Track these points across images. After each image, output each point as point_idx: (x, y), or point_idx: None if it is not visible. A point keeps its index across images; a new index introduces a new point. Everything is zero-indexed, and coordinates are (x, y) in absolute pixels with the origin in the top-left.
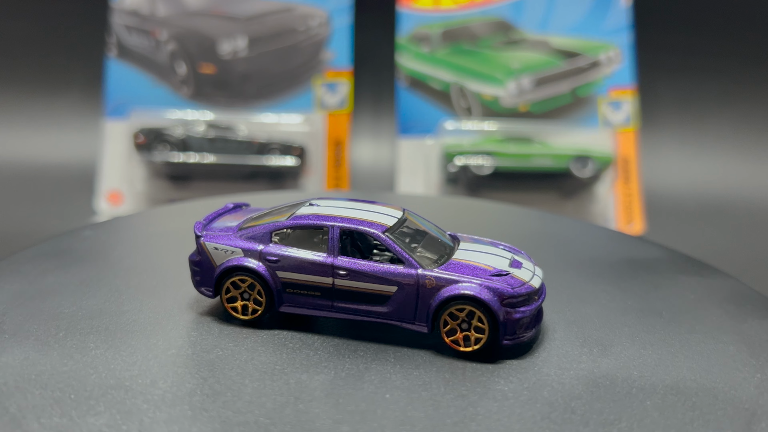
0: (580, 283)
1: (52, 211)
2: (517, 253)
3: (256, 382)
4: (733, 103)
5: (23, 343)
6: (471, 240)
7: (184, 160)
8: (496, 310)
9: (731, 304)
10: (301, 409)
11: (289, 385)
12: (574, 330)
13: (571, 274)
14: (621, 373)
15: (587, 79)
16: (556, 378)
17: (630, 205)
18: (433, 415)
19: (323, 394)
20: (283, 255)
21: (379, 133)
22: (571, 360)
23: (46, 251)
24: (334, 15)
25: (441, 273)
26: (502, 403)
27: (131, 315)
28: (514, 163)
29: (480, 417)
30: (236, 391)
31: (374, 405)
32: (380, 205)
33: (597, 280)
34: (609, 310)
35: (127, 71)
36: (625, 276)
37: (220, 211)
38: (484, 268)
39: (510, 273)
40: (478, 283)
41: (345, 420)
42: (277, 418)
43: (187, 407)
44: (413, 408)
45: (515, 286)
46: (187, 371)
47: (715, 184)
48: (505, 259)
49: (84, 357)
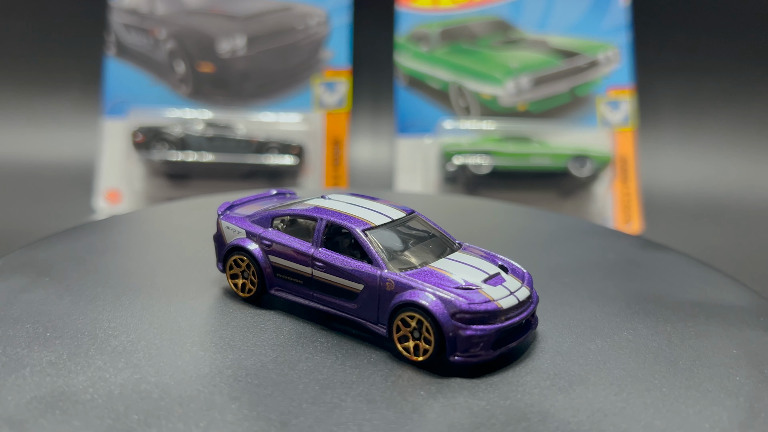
0: (575, 286)
1: (50, 209)
2: (513, 271)
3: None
4: (731, 102)
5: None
6: (472, 251)
7: (182, 158)
8: (443, 322)
9: (728, 304)
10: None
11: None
12: (558, 360)
13: (568, 275)
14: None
15: (586, 78)
16: (466, 405)
17: (628, 204)
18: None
19: (252, 382)
20: (275, 240)
21: (377, 132)
22: (516, 390)
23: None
24: (332, 14)
25: (402, 277)
26: (372, 410)
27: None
28: (512, 163)
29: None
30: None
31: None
32: (387, 205)
33: (592, 281)
34: (601, 330)
35: (126, 70)
36: (620, 276)
37: (258, 196)
38: (453, 280)
39: (479, 288)
40: (433, 292)
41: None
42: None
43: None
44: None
45: (474, 302)
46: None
47: (713, 184)
48: (484, 273)
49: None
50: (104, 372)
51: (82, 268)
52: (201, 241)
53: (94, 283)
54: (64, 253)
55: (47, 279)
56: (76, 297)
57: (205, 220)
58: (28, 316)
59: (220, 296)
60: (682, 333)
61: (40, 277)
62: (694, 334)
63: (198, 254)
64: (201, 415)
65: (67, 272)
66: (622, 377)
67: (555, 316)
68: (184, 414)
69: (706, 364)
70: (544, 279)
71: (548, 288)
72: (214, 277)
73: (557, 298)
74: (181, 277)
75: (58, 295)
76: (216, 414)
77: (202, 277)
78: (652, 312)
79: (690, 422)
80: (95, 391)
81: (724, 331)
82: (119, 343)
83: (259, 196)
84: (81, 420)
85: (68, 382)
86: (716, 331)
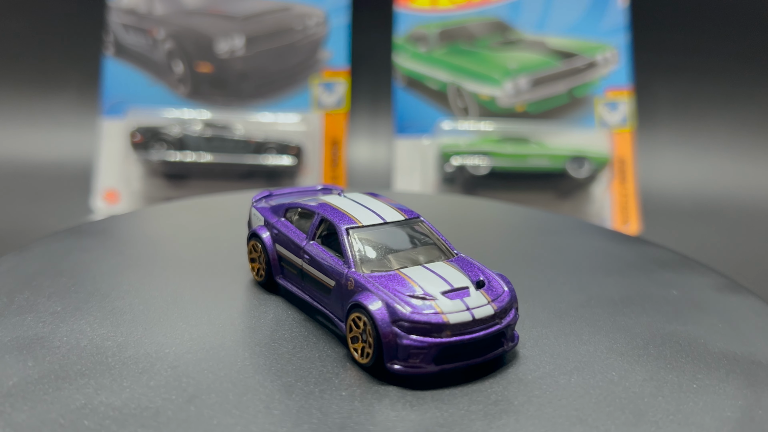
0: (564, 290)
1: (48, 209)
2: (490, 289)
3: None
4: (729, 104)
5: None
6: (458, 262)
7: (180, 159)
8: (381, 327)
9: (724, 302)
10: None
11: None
12: (511, 388)
13: (564, 275)
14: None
15: (584, 79)
16: (382, 414)
17: (626, 205)
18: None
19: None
20: (281, 230)
21: (376, 132)
22: (440, 408)
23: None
24: (331, 14)
25: (363, 278)
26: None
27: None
28: (510, 164)
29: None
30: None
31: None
32: (391, 207)
33: (586, 282)
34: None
35: (124, 70)
36: (614, 276)
37: (300, 189)
38: (412, 288)
39: (433, 300)
40: (383, 296)
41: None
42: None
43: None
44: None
45: (418, 311)
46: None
47: (710, 185)
48: (449, 285)
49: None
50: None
51: (80, 269)
52: (200, 240)
53: (91, 283)
54: (59, 256)
55: (35, 284)
56: (76, 297)
57: (203, 220)
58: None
59: (219, 298)
60: (681, 385)
61: (29, 282)
62: (696, 390)
63: (198, 254)
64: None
65: (60, 276)
66: (563, 417)
67: (544, 337)
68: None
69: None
70: (542, 288)
71: (544, 301)
72: (216, 277)
73: (552, 314)
74: (181, 276)
75: (48, 299)
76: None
77: (202, 276)
78: (663, 355)
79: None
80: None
81: (717, 330)
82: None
83: (302, 189)
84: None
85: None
86: (710, 332)
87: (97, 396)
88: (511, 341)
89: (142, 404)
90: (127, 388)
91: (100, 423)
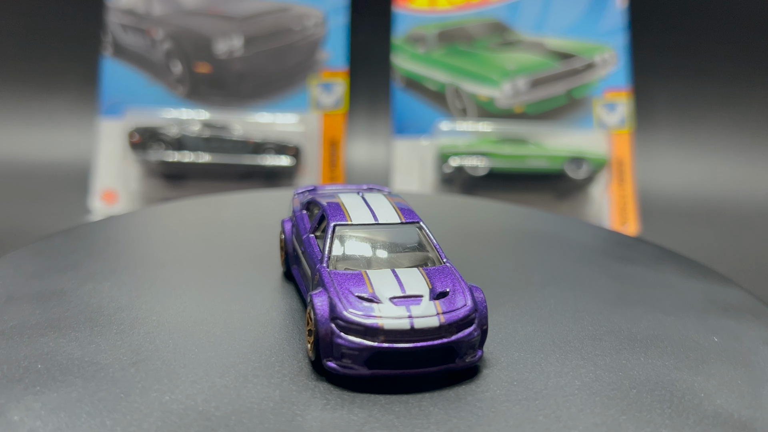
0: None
1: (46, 209)
2: (451, 301)
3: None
4: (728, 105)
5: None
6: (435, 271)
7: (179, 159)
8: (320, 323)
9: (724, 305)
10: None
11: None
12: (440, 406)
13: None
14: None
15: (582, 80)
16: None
17: (624, 206)
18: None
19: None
20: (297, 222)
21: (374, 133)
22: (352, 412)
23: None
24: (329, 15)
25: (326, 274)
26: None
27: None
28: (509, 164)
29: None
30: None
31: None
32: (393, 209)
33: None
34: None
35: (123, 70)
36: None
37: (345, 186)
38: (366, 288)
39: (380, 303)
40: (333, 293)
41: None
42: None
43: None
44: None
45: (354, 312)
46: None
47: (709, 186)
48: (402, 291)
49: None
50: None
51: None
52: (196, 240)
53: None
54: (58, 255)
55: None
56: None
57: (202, 220)
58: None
59: (218, 297)
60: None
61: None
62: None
63: (196, 253)
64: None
65: (62, 273)
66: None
67: (518, 362)
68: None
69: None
70: (538, 302)
71: (538, 320)
72: (217, 276)
73: (540, 335)
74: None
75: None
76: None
77: (201, 275)
78: (640, 402)
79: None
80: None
81: (714, 327)
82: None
83: (348, 187)
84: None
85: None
86: (706, 328)
87: (66, 345)
88: (468, 358)
89: (95, 359)
90: (95, 343)
91: (50, 368)
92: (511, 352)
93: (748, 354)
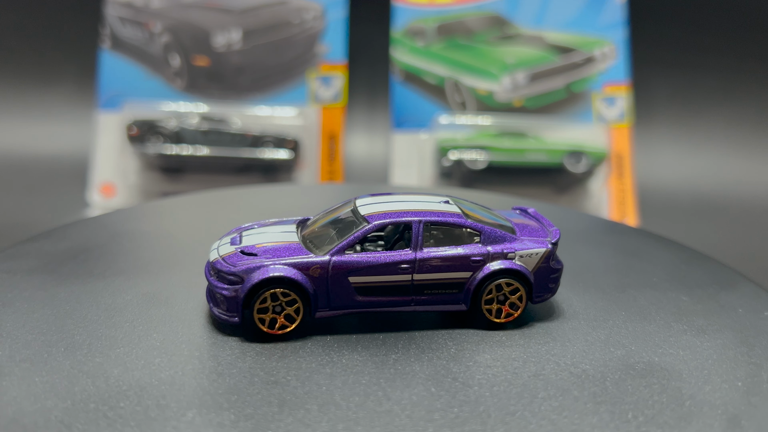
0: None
1: (44, 202)
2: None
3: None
4: (727, 99)
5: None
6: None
7: (177, 152)
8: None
9: (722, 291)
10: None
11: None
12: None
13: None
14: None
15: (582, 74)
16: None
17: (623, 200)
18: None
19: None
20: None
21: (373, 127)
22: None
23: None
24: (328, 8)
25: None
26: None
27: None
28: (508, 158)
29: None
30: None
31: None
32: (394, 208)
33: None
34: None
35: (121, 63)
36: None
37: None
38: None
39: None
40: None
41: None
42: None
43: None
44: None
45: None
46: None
47: (708, 180)
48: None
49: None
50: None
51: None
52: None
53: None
54: (58, 250)
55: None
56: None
57: (204, 218)
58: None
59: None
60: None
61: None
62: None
63: (195, 252)
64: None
65: (63, 269)
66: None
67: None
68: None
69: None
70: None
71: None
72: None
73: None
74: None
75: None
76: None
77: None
78: (616, 391)
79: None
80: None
81: (714, 317)
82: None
83: (503, 213)
84: None
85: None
86: (705, 319)
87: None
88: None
89: (46, 338)
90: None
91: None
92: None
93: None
